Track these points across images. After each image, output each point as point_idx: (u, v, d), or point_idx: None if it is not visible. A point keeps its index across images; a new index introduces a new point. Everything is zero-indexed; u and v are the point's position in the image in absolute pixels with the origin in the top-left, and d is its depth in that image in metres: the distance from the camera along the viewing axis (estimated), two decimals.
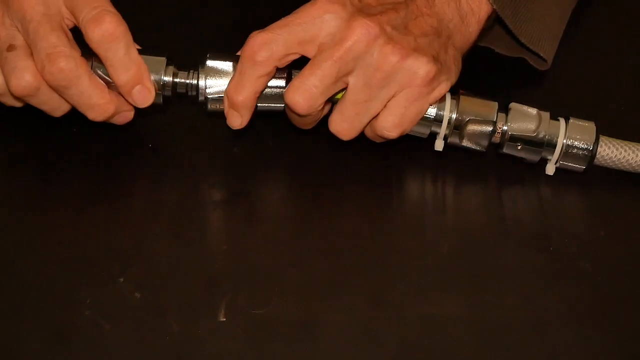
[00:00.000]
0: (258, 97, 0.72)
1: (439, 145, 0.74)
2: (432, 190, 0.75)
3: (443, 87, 0.72)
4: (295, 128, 0.74)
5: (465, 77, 0.74)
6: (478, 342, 0.65)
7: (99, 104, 0.71)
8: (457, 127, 0.73)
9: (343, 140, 0.72)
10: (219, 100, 0.72)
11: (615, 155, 0.74)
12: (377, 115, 0.71)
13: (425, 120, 0.72)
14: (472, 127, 0.72)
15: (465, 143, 0.73)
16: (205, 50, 0.73)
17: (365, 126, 0.72)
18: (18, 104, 0.73)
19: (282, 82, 0.72)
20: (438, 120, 0.73)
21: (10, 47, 0.70)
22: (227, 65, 0.72)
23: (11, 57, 0.70)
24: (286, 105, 0.71)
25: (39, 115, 0.73)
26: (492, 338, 0.66)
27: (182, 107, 0.78)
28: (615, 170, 0.75)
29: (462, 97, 0.73)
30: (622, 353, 0.65)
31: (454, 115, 0.73)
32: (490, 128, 0.72)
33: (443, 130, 0.73)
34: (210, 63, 0.72)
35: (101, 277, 0.67)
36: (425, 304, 0.67)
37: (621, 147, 0.74)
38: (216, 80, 0.72)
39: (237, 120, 0.72)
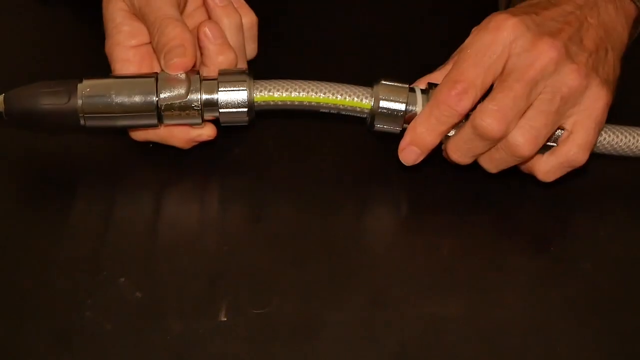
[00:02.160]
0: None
1: None
2: (432, 190, 0.75)
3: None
4: (296, 128, 0.74)
5: None
6: (478, 342, 0.65)
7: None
8: None
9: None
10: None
11: (615, 141, 0.74)
12: (560, 143, 0.71)
13: (398, 116, 0.72)
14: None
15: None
16: None
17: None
18: None
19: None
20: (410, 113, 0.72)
21: None
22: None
23: None
24: (474, 127, 0.69)
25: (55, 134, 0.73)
26: (492, 338, 0.66)
27: None
28: (615, 170, 0.75)
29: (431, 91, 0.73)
30: (622, 353, 0.65)
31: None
32: None
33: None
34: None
35: (102, 277, 0.67)
36: (425, 304, 0.67)
37: (621, 132, 0.74)
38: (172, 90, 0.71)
39: (414, 157, 0.72)
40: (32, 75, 0.72)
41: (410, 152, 0.72)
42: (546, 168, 0.72)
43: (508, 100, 0.68)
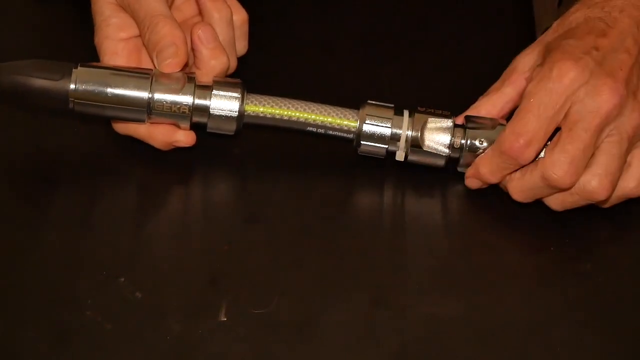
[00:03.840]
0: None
1: (399, 155, 0.74)
2: (432, 190, 0.75)
3: None
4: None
5: None
6: (478, 342, 0.65)
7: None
8: (415, 144, 0.73)
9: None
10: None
11: None
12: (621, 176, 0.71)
13: (382, 138, 0.73)
14: (431, 125, 0.73)
15: (428, 143, 0.73)
16: None
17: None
18: None
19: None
20: (395, 139, 0.73)
21: None
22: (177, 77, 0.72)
23: None
24: (545, 178, 0.69)
25: (39, 114, 0.73)
26: (492, 338, 0.66)
27: None
28: None
29: (416, 114, 0.73)
30: (622, 353, 0.65)
31: (410, 133, 0.73)
32: (450, 122, 0.73)
33: (402, 146, 0.73)
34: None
35: (102, 277, 0.67)
36: (425, 304, 0.67)
37: None
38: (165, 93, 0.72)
39: (477, 185, 0.74)
40: None
41: (473, 182, 0.74)
42: (608, 202, 0.72)
43: (579, 152, 0.68)
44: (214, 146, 0.74)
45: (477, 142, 0.72)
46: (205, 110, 0.72)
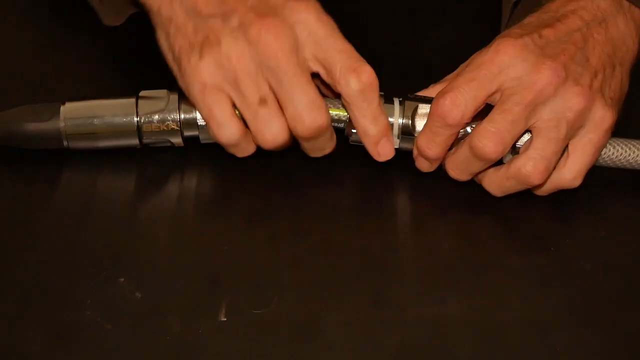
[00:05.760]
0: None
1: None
2: (432, 190, 0.75)
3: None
4: None
5: None
6: (478, 342, 0.65)
7: (328, 151, 0.74)
8: (406, 131, 0.73)
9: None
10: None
11: (614, 154, 0.74)
12: (557, 167, 0.71)
13: None
14: (422, 111, 0.73)
15: (419, 130, 0.73)
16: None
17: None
18: (248, 153, 0.73)
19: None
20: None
21: (262, 102, 0.69)
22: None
23: (264, 113, 0.70)
24: (471, 147, 0.70)
25: None
26: (492, 338, 0.66)
27: None
28: (615, 170, 0.75)
29: (407, 102, 0.73)
30: (622, 353, 0.65)
31: (401, 121, 0.73)
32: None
33: (394, 134, 0.73)
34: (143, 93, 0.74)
35: (101, 277, 0.67)
36: (425, 304, 0.67)
37: (617, 145, 0.74)
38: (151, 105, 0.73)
39: (425, 166, 0.74)
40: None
41: (420, 162, 0.74)
42: (542, 189, 0.73)
43: (506, 122, 0.69)
44: (213, 146, 0.74)
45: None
46: (193, 123, 0.73)
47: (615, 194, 0.76)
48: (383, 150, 0.72)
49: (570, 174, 0.71)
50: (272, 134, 0.70)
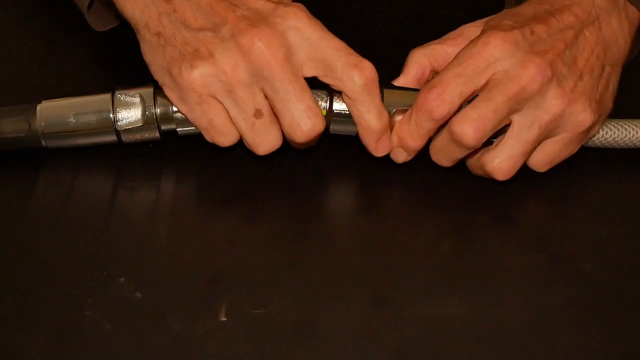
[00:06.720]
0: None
1: None
2: (432, 190, 0.75)
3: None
4: None
5: None
6: (478, 342, 0.65)
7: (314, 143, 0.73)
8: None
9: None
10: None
11: (611, 136, 0.74)
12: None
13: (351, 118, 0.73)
14: (399, 118, 0.73)
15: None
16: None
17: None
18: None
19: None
20: None
21: (258, 114, 0.69)
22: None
23: (260, 125, 0.70)
24: (450, 132, 0.70)
25: None
26: (492, 338, 0.66)
27: None
28: (615, 170, 0.75)
29: (385, 91, 0.73)
30: (622, 353, 0.65)
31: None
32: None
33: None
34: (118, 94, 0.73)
35: (101, 277, 0.67)
36: (425, 304, 0.67)
37: (613, 126, 0.74)
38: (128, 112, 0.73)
39: (402, 157, 0.74)
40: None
41: (398, 153, 0.74)
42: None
43: (488, 110, 0.69)
44: (213, 146, 0.74)
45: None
46: (169, 116, 0.73)
47: (615, 194, 0.76)
48: (382, 146, 0.72)
49: (535, 162, 0.73)
50: (268, 144, 0.71)
